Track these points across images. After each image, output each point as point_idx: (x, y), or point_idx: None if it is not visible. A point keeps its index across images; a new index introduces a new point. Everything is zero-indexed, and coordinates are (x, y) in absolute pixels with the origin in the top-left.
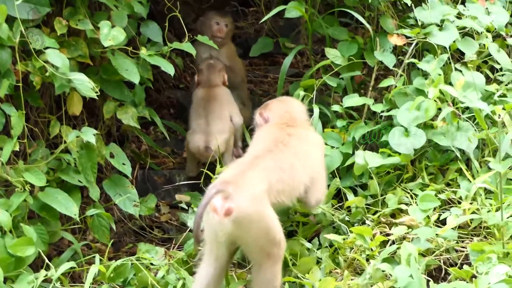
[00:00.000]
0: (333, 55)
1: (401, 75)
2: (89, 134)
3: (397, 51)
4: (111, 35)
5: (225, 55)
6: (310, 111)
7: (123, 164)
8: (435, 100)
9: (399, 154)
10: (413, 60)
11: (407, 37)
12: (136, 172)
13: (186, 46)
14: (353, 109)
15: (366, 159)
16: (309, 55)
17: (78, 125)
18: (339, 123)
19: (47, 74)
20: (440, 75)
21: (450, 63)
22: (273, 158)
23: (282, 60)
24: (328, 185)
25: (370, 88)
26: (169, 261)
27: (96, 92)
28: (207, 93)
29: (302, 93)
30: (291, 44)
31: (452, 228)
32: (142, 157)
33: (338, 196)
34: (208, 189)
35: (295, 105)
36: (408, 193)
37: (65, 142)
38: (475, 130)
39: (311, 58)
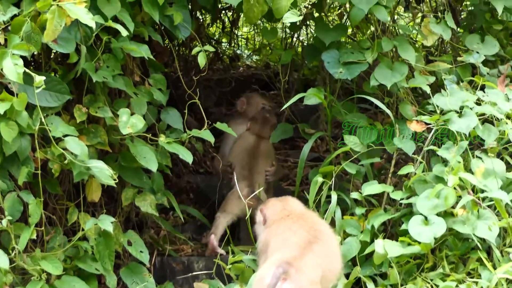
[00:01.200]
0: (352, 142)
1: (420, 162)
2: (107, 222)
3: (417, 137)
4: (130, 122)
5: None
6: (329, 197)
7: (141, 251)
8: (454, 188)
9: (419, 242)
10: (432, 147)
11: (426, 124)
12: (154, 258)
13: (205, 133)
14: (373, 195)
15: (386, 248)
16: (328, 141)
17: (97, 212)
18: (358, 210)
19: (66, 161)
20: (459, 162)
21: (470, 150)
22: (322, 246)
23: (303, 144)
24: (348, 274)
25: (390, 175)
26: None
27: (115, 180)
28: (255, 142)
29: (320, 179)
30: (311, 130)
31: None
32: (160, 243)
33: (358, 285)
34: (274, 268)
35: (293, 203)
36: (429, 283)
37: (82, 229)
38: (496, 218)
39: (330, 144)
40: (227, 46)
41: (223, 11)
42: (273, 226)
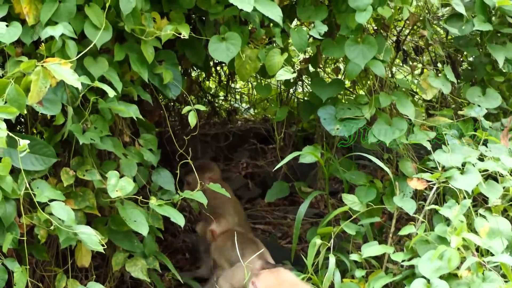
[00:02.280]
0: (351, 201)
1: (422, 222)
2: None
3: (418, 195)
4: (119, 185)
5: None
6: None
7: None
8: (458, 249)
9: None
10: (434, 206)
11: (427, 181)
12: None
13: (197, 195)
14: (374, 256)
15: None
16: (326, 200)
17: (87, 276)
18: (358, 273)
19: (52, 227)
20: (462, 222)
21: (473, 207)
22: None
23: (302, 200)
24: None
25: (391, 235)
26: None
27: (103, 246)
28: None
29: (318, 241)
30: (308, 189)
31: None
32: None
33: None
34: None
35: (285, 275)
36: None
37: None
38: (502, 280)
39: (328, 203)
40: (224, 100)
41: (218, 66)
42: None
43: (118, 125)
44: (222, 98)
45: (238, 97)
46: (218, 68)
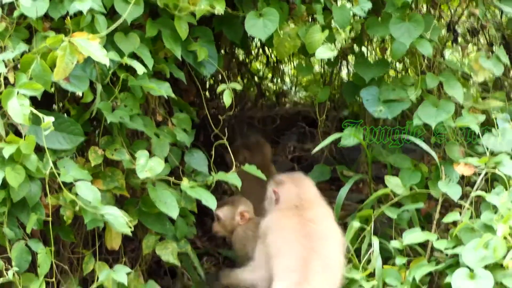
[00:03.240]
0: (394, 184)
1: (468, 209)
2: (122, 274)
3: (465, 181)
4: (148, 166)
5: None
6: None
7: None
8: (505, 238)
9: None
10: (480, 192)
11: (475, 166)
12: None
13: (232, 177)
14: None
15: None
16: (369, 184)
17: (117, 260)
18: (399, 260)
19: (77, 208)
20: (510, 209)
21: None
22: (320, 260)
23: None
24: None
25: (435, 222)
26: None
27: (130, 228)
28: None
29: (356, 224)
30: (350, 172)
31: None
32: None
33: None
34: None
35: (309, 189)
36: None
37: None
38: None
39: (370, 187)
40: (271, 82)
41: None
42: (279, 215)
43: (150, 103)
44: (269, 80)
45: (287, 79)
46: (265, 49)
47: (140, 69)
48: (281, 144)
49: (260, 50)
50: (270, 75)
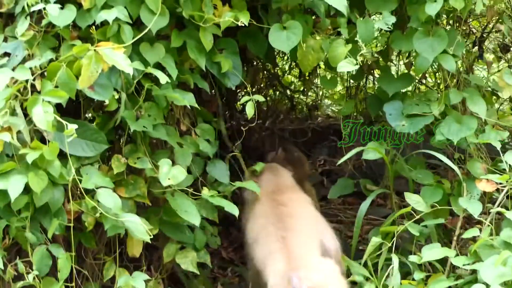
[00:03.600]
0: (415, 201)
1: (488, 225)
2: (140, 280)
3: (487, 198)
4: (171, 174)
5: None
6: (389, 259)
7: None
8: None
9: None
10: (500, 209)
11: (497, 183)
12: None
13: (251, 185)
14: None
15: None
16: (390, 199)
17: (138, 268)
18: (417, 275)
19: (97, 214)
20: None
21: None
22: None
23: (378, 201)
24: None
25: (455, 238)
26: None
27: (150, 236)
28: None
29: (376, 239)
30: (373, 187)
31: None
32: None
33: None
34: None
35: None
36: None
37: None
38: None
39: (392, 202)
40: (303, 94)
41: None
42: (255, 204)
43: (175, 113)
44: (301, 92)
45: (320, 92)
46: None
47: (163, 79)
48: (312, 158)
49: (293, 63)
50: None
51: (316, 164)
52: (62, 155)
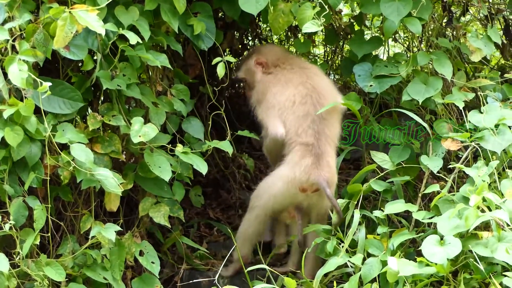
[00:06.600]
0: (380, 159)
1: (449, 182)
2: (111, 231)
3: (452, 156)
4: (142, 131)
5: None
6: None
7: (152, 262)
8: (478, 208)
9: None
10: (461, 166)
11: (461, 142)
12: (183, 272)
13: (225, 144)
14: (403, 215)
15: (399, 266)
16: (363, 158)
17: (115, 222)
18: (380, 229)
19: (70, 168)
20: (484, 181)
21: (504, 170)
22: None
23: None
24: None
25: (420, 194)
26: None
27: (121, 189)
28: None
29: (342, 200)
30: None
31: None
32: (190, 257)
33: None
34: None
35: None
36: None
37: (91, 238)
38: None
39: (363, 161)
40: None
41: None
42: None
43: (152, 74)
44: None
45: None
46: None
47: (133, 39)
48: None
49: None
50: None
51: None
52: (41, 113)
